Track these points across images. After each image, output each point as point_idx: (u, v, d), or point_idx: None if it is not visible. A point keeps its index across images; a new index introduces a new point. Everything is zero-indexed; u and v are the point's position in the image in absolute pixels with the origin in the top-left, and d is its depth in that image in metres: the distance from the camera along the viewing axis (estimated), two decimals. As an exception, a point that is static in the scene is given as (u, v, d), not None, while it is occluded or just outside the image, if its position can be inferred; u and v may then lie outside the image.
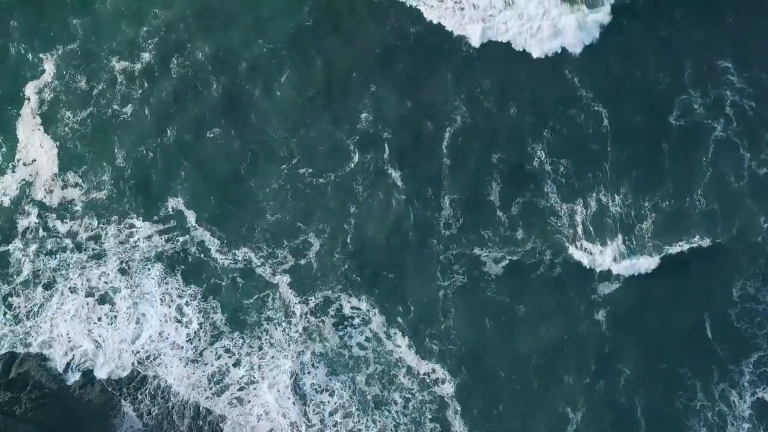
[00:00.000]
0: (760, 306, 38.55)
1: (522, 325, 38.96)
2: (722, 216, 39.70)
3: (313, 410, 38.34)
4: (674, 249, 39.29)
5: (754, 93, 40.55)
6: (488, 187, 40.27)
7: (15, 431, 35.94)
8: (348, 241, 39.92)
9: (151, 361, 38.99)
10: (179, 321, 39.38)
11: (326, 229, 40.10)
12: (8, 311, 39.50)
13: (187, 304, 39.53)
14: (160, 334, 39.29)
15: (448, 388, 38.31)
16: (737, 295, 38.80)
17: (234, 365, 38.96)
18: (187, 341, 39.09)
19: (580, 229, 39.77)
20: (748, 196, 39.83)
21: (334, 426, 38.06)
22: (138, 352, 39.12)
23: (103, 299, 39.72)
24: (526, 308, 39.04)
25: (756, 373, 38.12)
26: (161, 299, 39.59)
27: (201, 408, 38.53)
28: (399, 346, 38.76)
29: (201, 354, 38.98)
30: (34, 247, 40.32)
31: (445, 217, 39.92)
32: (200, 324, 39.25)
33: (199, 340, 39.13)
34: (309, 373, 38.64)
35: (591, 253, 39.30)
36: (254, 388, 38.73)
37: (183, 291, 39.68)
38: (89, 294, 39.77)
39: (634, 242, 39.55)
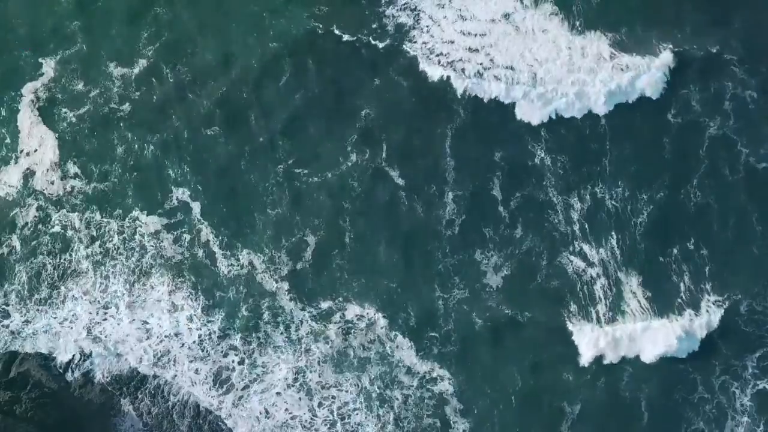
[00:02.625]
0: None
1: (521, 325, 38.88)
2: (718, 213, 39.75)
3: (319, 404, 38.32)
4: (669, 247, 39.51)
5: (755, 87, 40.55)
6: (490, 184, 40.41)
7: (15, 431, 35.99)
8: (347, 242, 39.93)
9: (158, 361, 39.01)
10: (186, 322, 39.43)
11: (322, 225, 40.14)
12: (8, 312, 39.59)
13: (191, 306, 39.61)
14: (166, 335, 39.36)
15: (446, 386, 38.26)
16: (745, 306, 38.74)
17: (239, 363, 39.01)
18: (193, 341, 39.11)
19: (576, 227, 39.87)
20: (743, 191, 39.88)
21: (341, 420, 38.06)
22: (145, 350, 39.24)
23: (107, 298, 39.85)
24: (524, 310, 38.96)
25: (759, 366, 38.04)
26: (165, 300, 39.70)
27: (201, 407, 38.49)
28: (400, 348, 38.74)
29: (208, 354, 39.04)
30: (35, 242, 40.53)
31: (449, 213, 40.02)
32: (207, 325, 39.32)
33: (209, 340, 39.16)
34: (315, 371, 38.61)
35: (586, 257, 39.48)
36: (260, 387, 38.76)
37: (189, 293, 39.74)
38: (94, 293, 39.88)
39: (628, 241, 39.66)
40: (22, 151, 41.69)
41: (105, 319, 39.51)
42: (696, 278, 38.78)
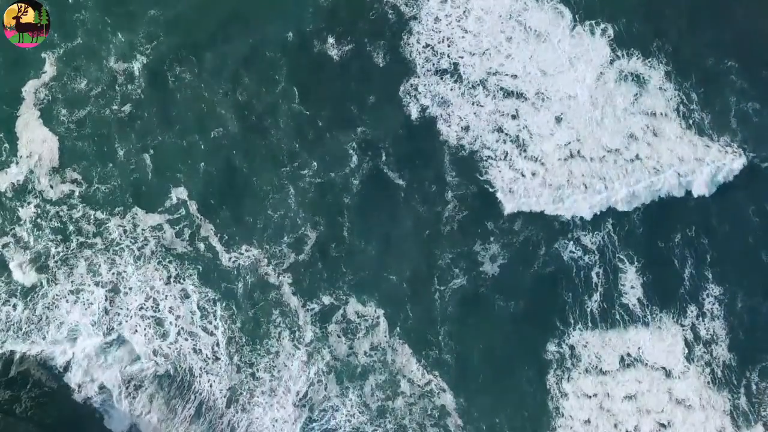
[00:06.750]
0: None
1: (520, 328, 39.12)
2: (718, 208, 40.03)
3: (319, 416, 38.39)
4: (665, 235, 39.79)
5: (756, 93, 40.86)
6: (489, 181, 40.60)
7: (15, 430, 35.92)
8: (348, 240, 40.09)
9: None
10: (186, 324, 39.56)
11: (322, 222, 40.30)
12: (12, 309, 39.55)
13: (196, 299, 39.69)
14: (174, 339, 39.45)
15: (447, 397, 38.39)
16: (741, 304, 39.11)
17: (240, 370, 39.12)
18: (206, 355, 39.26)
19: (577, 219, 40.02)
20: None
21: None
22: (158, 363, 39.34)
23: (113, 283, 39.95)
24: (523, 311, 39.26)
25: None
26: (165, 301, 39.70)
27: (201, 409, 38.53)
28: (400, 354, 38.86)
29: (208, 362, 39.09)
30: (37, 235, 40.37)
31: (449, 211, 40.11)
32: (204, 328, 39.40)
33: (205, 349, 39.25)
34: (315, 383, 38.72)
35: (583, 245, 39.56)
36: (263, 395, 38.80)
37: (193, 286, 39.77)
38: (101, 278, 39.96)
39: (626, 227, 39.80)
40: (21, 156, 41.48)
41: (108, 320, 39.53)
42: (696, 280, 39.05)
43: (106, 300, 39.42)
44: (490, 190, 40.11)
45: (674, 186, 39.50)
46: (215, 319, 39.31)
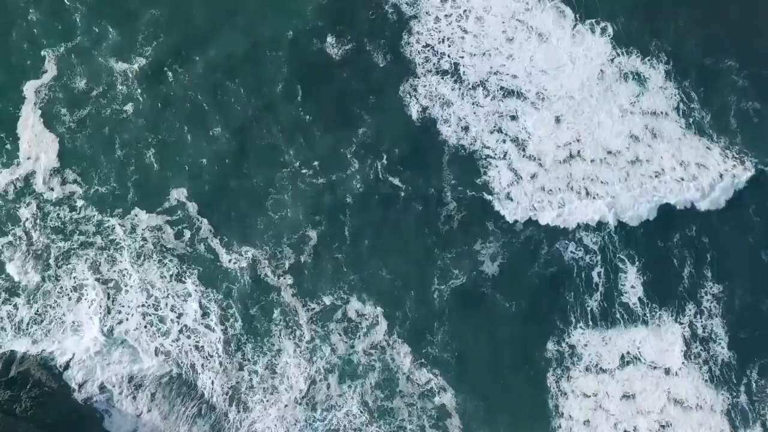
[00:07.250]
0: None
1: (521, 327, 39.18)
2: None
3: (322, 415, 38.44)
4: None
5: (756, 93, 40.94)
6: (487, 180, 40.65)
7: (15, 429, 35.80)
8: (348, 240, 40.11)
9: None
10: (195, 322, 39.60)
11: (324, 226, 40.35)
12: (13, 309, 39.50)
13: (197, 298, 39.69)
14: (176, 338, 39.46)
15: (447, 396, 38.45)
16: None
17: (243, 368, 39.14)
18: (209, 352, 39.28)
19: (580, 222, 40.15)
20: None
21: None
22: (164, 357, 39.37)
23: (112, 296, 39.86)
24: (523, 311, 39.32)
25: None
26: (166, 299, 39.69)
27: (202, 408, 38.53)
28: (399, 353, 38.88)
29: (210, 360, 39.10)
30: (36, 235, 40.25)
31: (449, 210, 40.16)
32: (206, 326, 39.42)
33: (207, 347, 39.27)
34: (317, 382, 38.76)
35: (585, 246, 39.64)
36: (265, 392, 38.84)
37: (194, 285, 39.77)
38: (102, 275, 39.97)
39: (627, 227, 39.89)
40: (21, 156, 41.33)
41: (111, 319, 39.56)
42: (695, 279, 39.19)
43: (107, 298, 39.48)
44: (488, 197, 40.13)
45: (676, 191, 39.53)
46: (216, 318, 39.39)
